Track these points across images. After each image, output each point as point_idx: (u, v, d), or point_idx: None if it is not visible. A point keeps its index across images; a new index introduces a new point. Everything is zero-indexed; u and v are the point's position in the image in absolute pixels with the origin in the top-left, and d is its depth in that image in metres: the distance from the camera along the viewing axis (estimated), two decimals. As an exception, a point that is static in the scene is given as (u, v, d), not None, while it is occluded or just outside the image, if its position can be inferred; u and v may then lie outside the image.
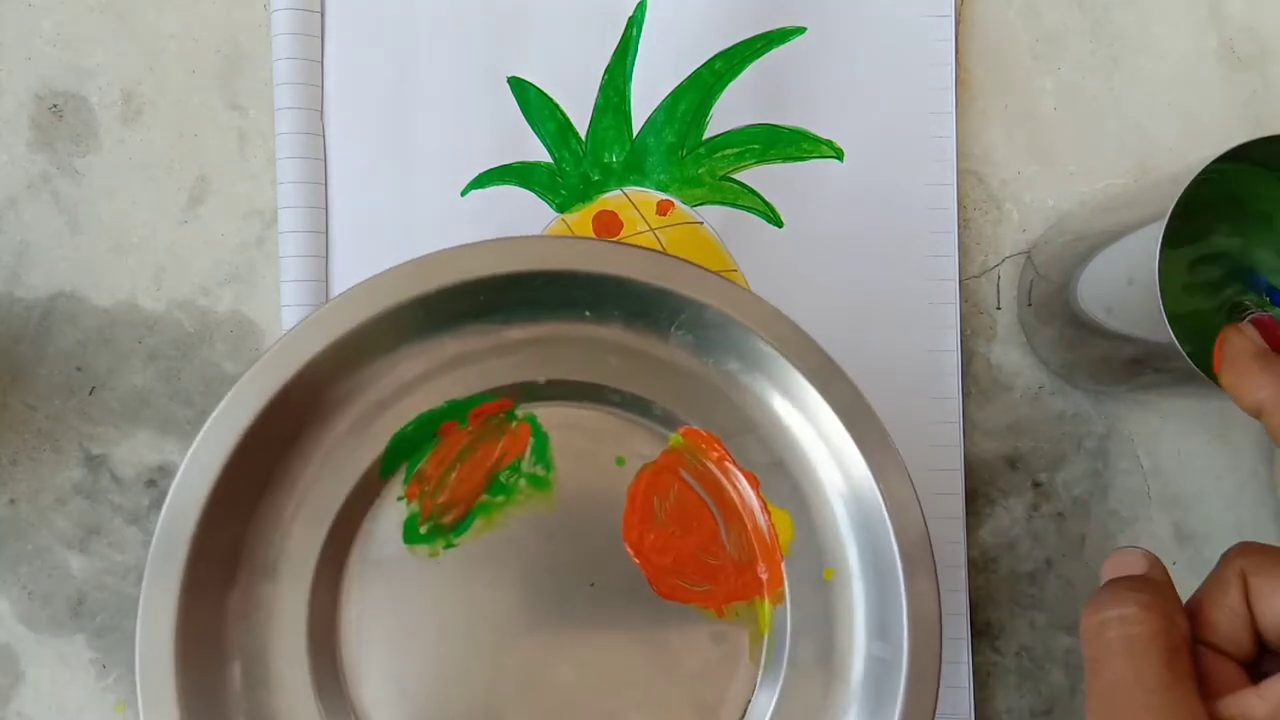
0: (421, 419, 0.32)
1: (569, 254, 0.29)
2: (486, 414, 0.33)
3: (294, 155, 0.38)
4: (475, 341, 0.32)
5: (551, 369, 0.32)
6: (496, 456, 0.33)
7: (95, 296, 0.39)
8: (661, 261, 0.30)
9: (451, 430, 0.32)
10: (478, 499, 0.33)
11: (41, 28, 0.40)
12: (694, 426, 0.33)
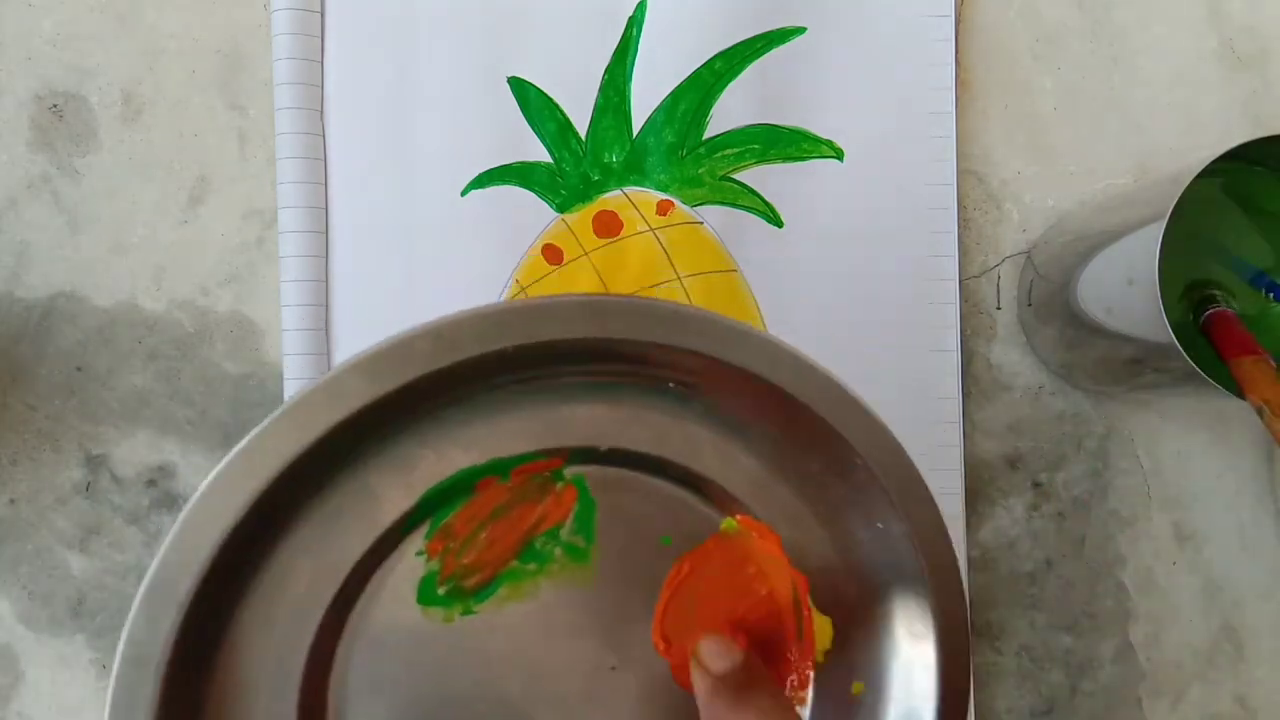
0: (463, 473, 0.28)
1: (691, 327, 0.26)
2: (532, 471, 0.29)
3: (294, 155, 0.38)
4: (539, 395, 0.28)
5: (617, 436, 0.29)
6: (535, 520, 0.30)
7: (95, 296, 0.39)
8: (782, 358, 0.27)
9: (489, 485, 0.29)
10: (507, 564, 0.29)
11: (41, 28, 0.40)
12: (752, 516, 0.30)
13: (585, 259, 0.40)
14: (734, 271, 0.40)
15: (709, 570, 0.30)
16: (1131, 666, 0.41)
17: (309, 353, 0.38)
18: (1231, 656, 0.41)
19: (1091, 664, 0.41)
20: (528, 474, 0.29)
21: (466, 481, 0.29)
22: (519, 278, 0.39)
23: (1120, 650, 0.41)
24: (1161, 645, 0.41)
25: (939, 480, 0.40)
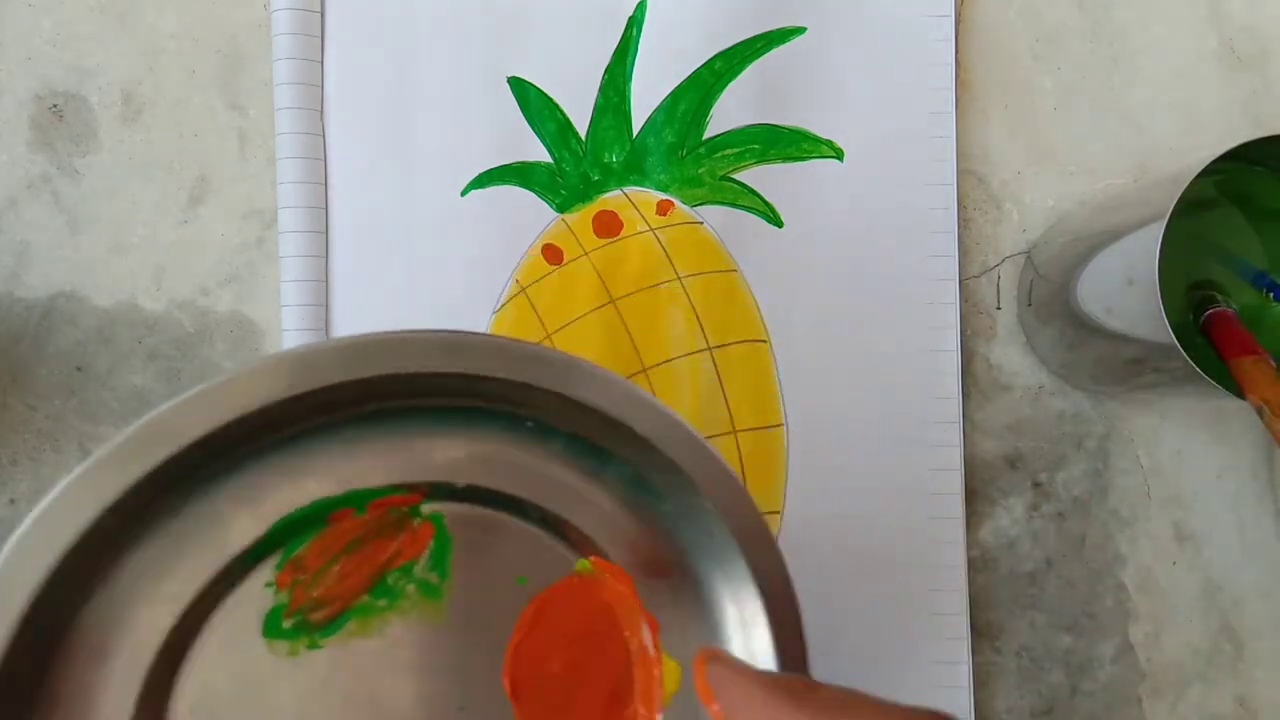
0: (318, 504, 0.27)
1: (526, 366, 0.26)
2: (389, 505, 0.28)
3: (294, 155, 0.38)
4: (400, 429, 0.28)
5: (476, 474, 0.29)
6: (389, 555, 0.29)
7: (95, 296, 0.39)
8: (619, 391, 0.27)
9: (344, 518, 0.28)
10: (358, 599, 0.28)
11: (41, 28, 0.40)
12: (607, 558, 0.30)
13: (585, 259, 0.40)
14: (734, 271, 0.40)
15: (561, 611, 0.29)
16: (1131, 666, 0.41)
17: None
18: (1231, 656, 0.41)
19: (1091, 664, 0.41)
20: (384, 508, 0.28)
21: (321, 513, 0.28)
22: (519, 277, 0.39)
23: (1120, 650, 0.41)
24: (1161, 645, 0.41)
25: (939, 480, 0.40)
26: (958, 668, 0.39)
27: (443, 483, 0.28)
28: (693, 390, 0.39)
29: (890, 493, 0.40)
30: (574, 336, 0.39)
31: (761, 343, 0.40)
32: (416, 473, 0.28)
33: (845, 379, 0.40)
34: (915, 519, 0.40)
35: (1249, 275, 0.37)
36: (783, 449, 0.39)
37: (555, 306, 0.39)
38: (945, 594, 0.40)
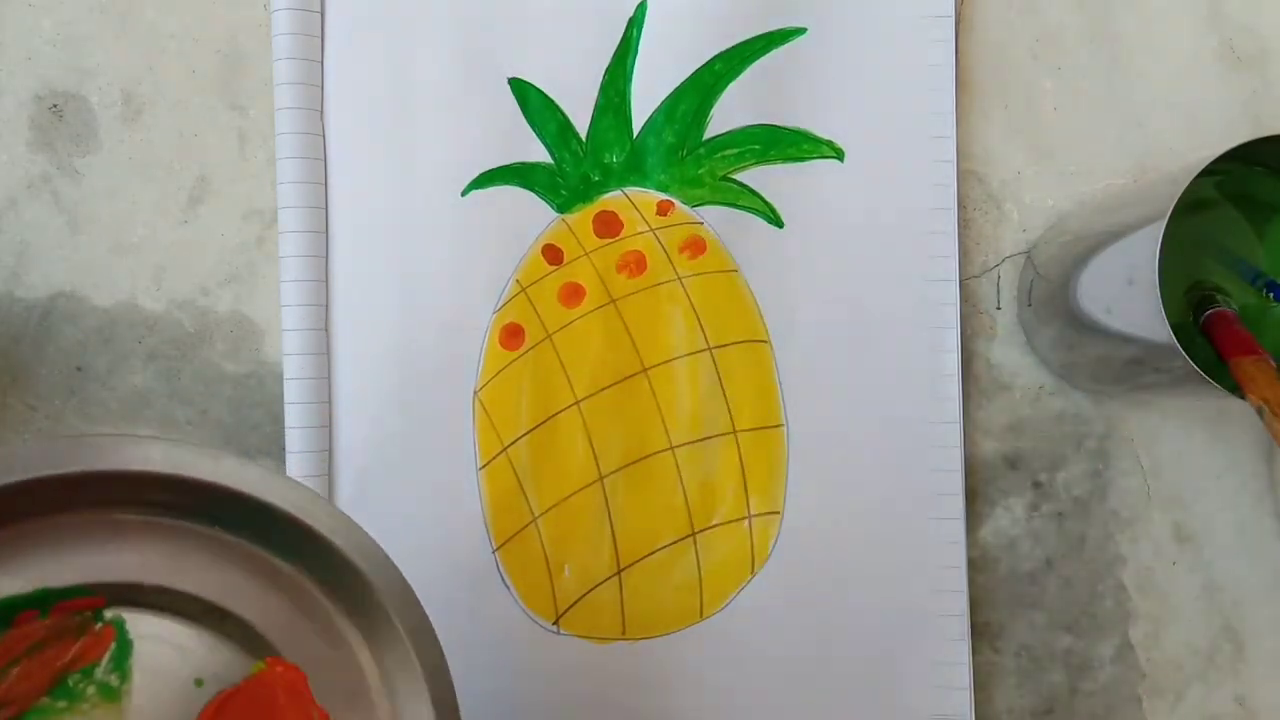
0: (6, 601, 0.27)
1: (193, 464, 0.27)
2: (72, 609, 0.28)
3: (294, 155, 0.38)
4: (93, 528, 0.28)
5: (164, 574, 0.29)
6: (70, 657, 0.29)
7: (95, 296, 0.39)
8: (276, 487, 0.28)
9: (29, 620, 0.28)
10: (36, 700, 0.28)
11: (41, 28, 0.40)
12: (282, 656, 0.30)
13: (585, 259, 0.40)
14: (734, 271, 0.40)
15: (238, 712, 0.30)
16: (1131, 666, 0.41)
17: (309, 353, 0.38)
18: (1231, 656, 0.41)
19: (1091, 664, 0.41)
20: (68, 610, 0.29)
21: (8, 612, 0.28)
22: (519, 277, 0.39)
23: (1120, 650, 0.41)
24: (1161, 645, 0.41)
25: (939, 481, 0.40)
26: (958, 668, 0.39)
27: (130, 583, 0.29)
28: (693, 390, 0.39)
29: (891, 493, 0.39)
30: (573, 337, 0.39)
31: (762, 343, 0.40)
32: (107, 572, 0.28)
33: (846, 379, 0.40)
34: (916, 519, 0.40)
35: (1249, 275, 0.37)
36: (783, 449, 0.39)
37: (555, 308, 0.39)
38: (946, 594, 0.40)
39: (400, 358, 0.39)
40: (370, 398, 0.39)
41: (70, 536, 0.28)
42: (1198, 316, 0.36)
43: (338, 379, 0.39)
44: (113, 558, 0.29)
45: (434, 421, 0.39)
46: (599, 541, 0.39)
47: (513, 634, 0.38)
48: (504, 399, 0.39)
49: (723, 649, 0.39)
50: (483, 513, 0.39)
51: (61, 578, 0.28)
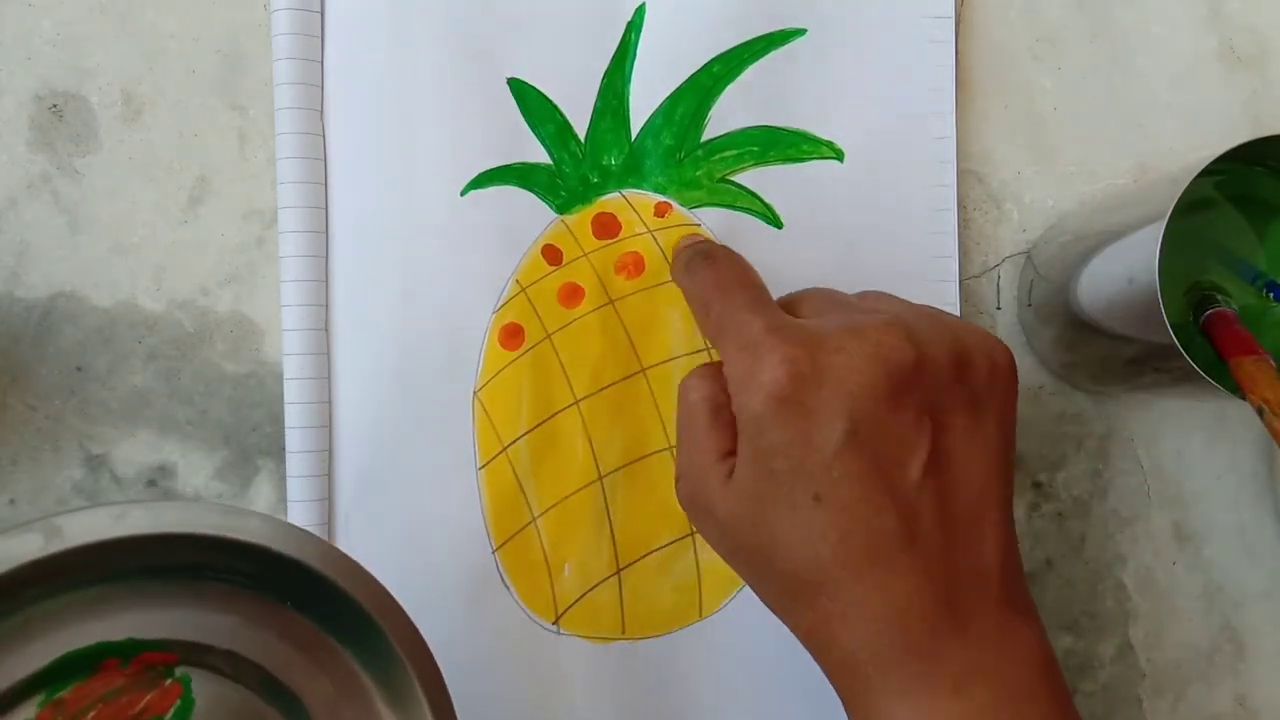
0: (98, 647, 0.30)
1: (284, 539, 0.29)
2: (151, 661, 0.31)
3: (294, 155, 0.38)
4: (181, 588, 0.30)
5: (233, 639, 0.31)
6: (140, 708, 0.31)
7: (95, 296, 0.39)
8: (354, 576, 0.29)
9: (111, 667, 0.30)
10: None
11: (41, 27, 0.40)
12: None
13: (584, 260, 0.40)
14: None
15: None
16: (1131, 666, 0.41)
17: (309, 353, 0.38)
18: (1231, 656, 0.41)
19: (1091, 664, 0.41)
20: (146, 663, 0.31)
21: (96, 657, 0.30)
22: (519, 278, 0.39)
23: (1120, 650, 0.41)
24: (1161, 645, 0.41)
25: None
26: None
27: (205, 644, 0.31)
28: (692, 391, 0.39)
29: None
30: (573, 337, 0.39)
31: (762, 343, 0.40)
32: (185, 631, 0.31)
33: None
34: None
35: (1249, 275, 0.37)
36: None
37: (555, 308, 0.39)
38: None
39: (400, 358, 0.39)
40: (370, 398, 0.39)
41: (159, 593, 0.30)
42: (1198, 316, 0.36)
43: (338, 379, 0.39)
44: (193, 618, 0.31)
45: (434, 421, 0.39)
46: (599, 541, 0.39)
47: (513, 634, 0.38)
48: (504, 399, 0.39)
49: (722, 648, 0.39)
50: (482, 512, 0.39)
51: (147, 631, 0.30)
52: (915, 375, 0.28)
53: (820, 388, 0.28)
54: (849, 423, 0.28)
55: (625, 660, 0.39)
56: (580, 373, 0.39)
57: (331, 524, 0.38)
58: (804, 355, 0.28)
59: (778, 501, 0.29)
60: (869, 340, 0.28)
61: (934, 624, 0.28)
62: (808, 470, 0.28)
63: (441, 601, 0.39)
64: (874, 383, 0.28)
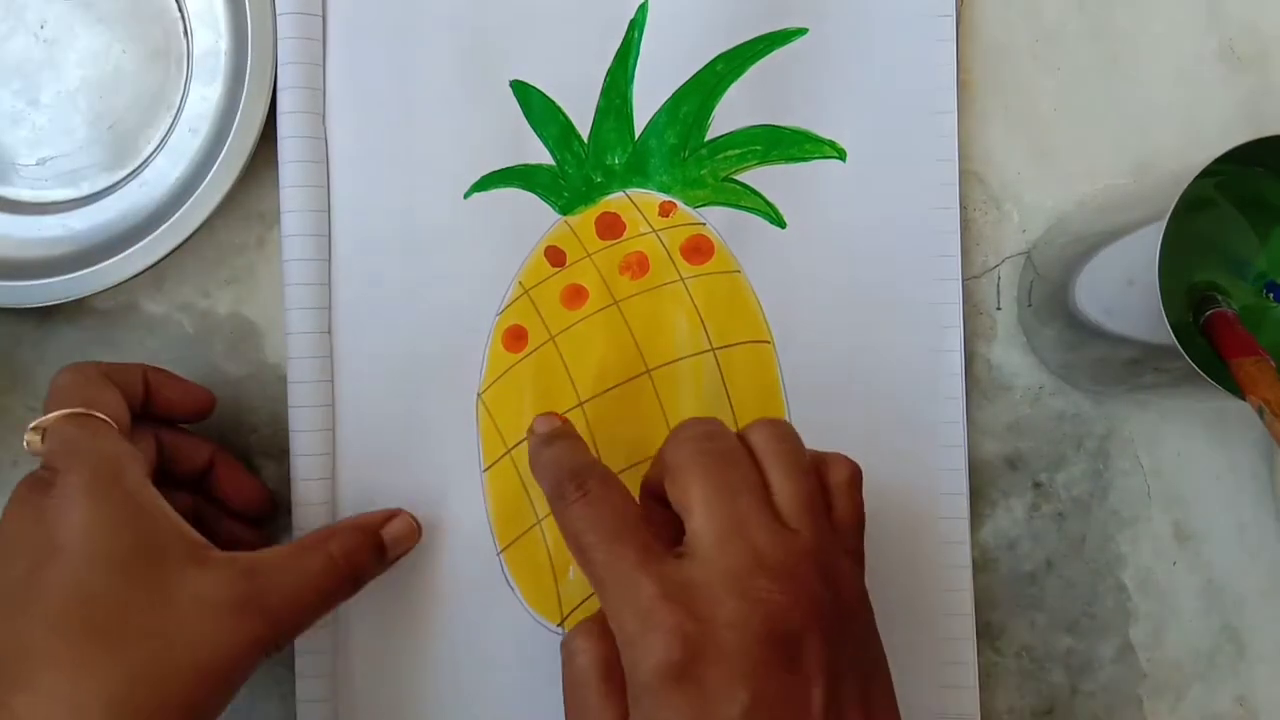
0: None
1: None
2: None
3: (297, 159, 0.38)
4: None
5: None
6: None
7: (96, 298, 0.39)
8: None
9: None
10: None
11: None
12: None
13: (588, 261, 0.40)
14: (737, 272, 0.40)
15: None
16: (1132, 666, 0.41)
17: (313, 356, 0.38)
18: (1231, 656, 0.41)
19: (1092, 664, 0.41)
20: None
21: None
22: (522, 279, 0.39)
23: (1120, 650, 0.41)
24: (1162, 645, 0.41)
25: (943, 480, 0.40)
26: (964, 668, 0.39)
27: None
28: (696, 391, 0.39)
29: (895, 493, 0.39)
30: (577, 338, 0.39)
31: (765, 343, 0.40)
32: None
33: (849, 379, 0.40)
34: (921, 519, 0.39)
35: (1249, 275, 0.37)
36: (788, 449, 0.39)
37: (558, 310, 0.39)
38: (952, 594, 0.40)
39: (403, 360, 0.39)
40: (374, 401, 0.39)
41: None
42: (1198, 317, 0.36)
43: (341, 382, 0.39)
44: None
45: (438, 423, 0.39)
46: (602, 542, 0.39)
47: (518, 635, 0.38)
48: (507, 401, 0.39)
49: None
50: (487, 514, 0.39)
51: None
52: (806, 633, 0.28)
53: (715, 662, 0.27)
54: (748, 696, 0.27)
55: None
56: (584, 374, 0.39)
57: (335, 525, 0.38)
58: (696, 629, 0.27)
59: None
60: (759, 607, 0.27)
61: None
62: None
63: (447, 602, 0.39)
64: (770, 651, 0.27)
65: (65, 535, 0.30)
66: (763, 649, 0.27)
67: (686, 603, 0.28)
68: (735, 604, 0.28)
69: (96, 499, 0.30)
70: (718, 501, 0.29)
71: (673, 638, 0.27)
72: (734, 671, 0.27)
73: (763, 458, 0.31)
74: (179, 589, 0.30)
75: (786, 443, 0.31)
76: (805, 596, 0.28)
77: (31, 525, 0.30)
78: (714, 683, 0.27)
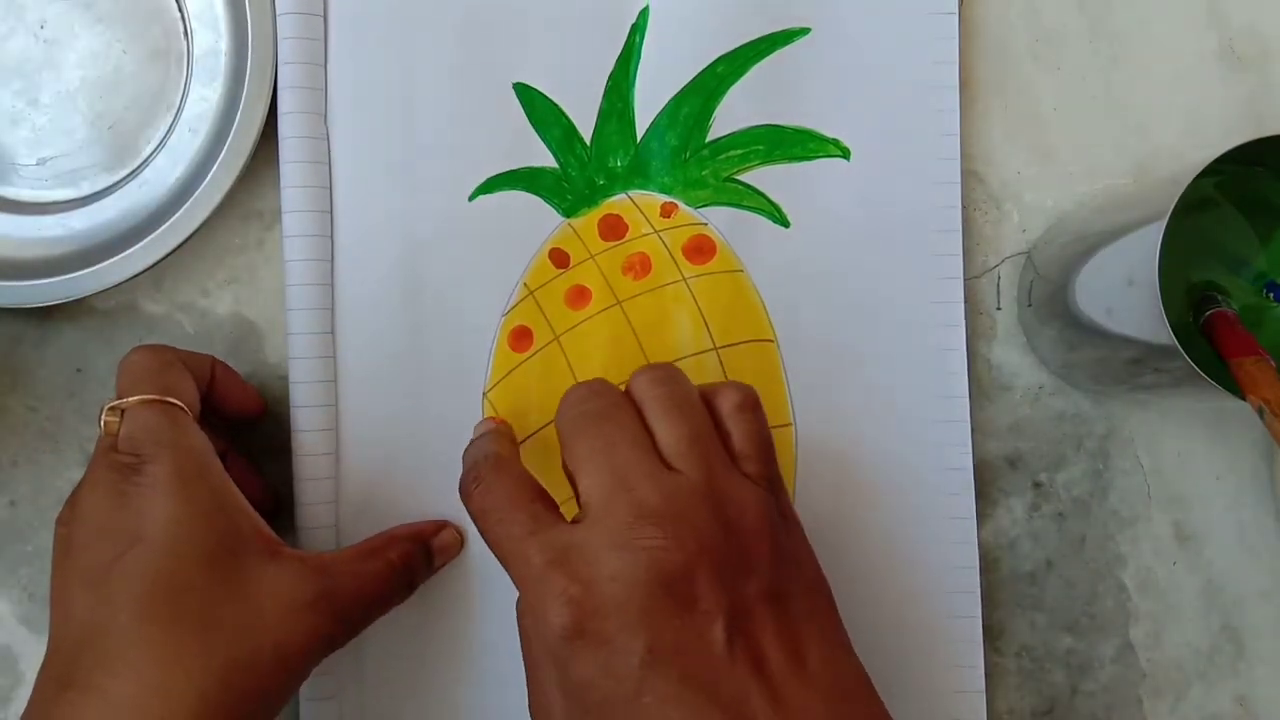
0: None
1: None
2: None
3: (298, 159, 0.38)
4: None
5: None
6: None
7: (96, 298, 0.39)
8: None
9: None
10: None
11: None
12: None
13: (591, 262, 0.40)
14: (739, 272, 0.40)
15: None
16: (1132, 667, 0.41)
17: (315, 356, 0.38)
18: (1231, 656, 0.41)
19: (1092, 664, 0.41)
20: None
21: None
22: (527, 281, 0.39)
23: (1120, 650, 0.41)
24: (1162, 645, 0.41)
25: (949, 480, 0.40)
26: (972, 671, 0.39)
27: None
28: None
29: (900, 492, 0.39)
30: (581, 338, 0.39)
31: (768, 342, 0.40)
32: None
33: (853, 378, 0.40)
34: (926, 519, 0.39)
35: (1249, 275, 0.37)
36: (791, 448, 0.39)
37: (563, 310, 0.39)
38: (958, 595, 0.39)
39: (408, 361, 0.39)
40: (378, 400, 0.39)
41: None
42: (1198, 316, 0.36)
43: (344, 381, 0.39)
44: None
45: (444, 422, 0.39)
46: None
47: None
48: (513, 400, 0.39)
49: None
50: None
51: None
52: (693, 572, 0.28)
53: (607, 617, 0.28)
54: (644, 642, 0.27)
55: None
56: (588, 373, 0.39)
57: (339, 525, 0.38)
58: (582, 591, 0.28)
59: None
60: (641, 555, 0.28)
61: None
62: (621, 699, 0.27)
63: (452, 598, 0.39)
64: (658, 597, 0.28)
65: (152, 525, 0.31)
66: (650, 595, 0.28)
67: (569, 566, 0.28)
68: (616, 557, 0.28)
69: (183, 492, 0.31)
70: (599, 458, 0.30)
71: (560, 603, 0.28)
72: (626, 622, 0.28)
73: (644, 405, 0.31)
74: (257, 584, 0.31)
75: (664, 385, 0.32)
76: (691, 536, 0.28)
77: (117, 510, 0.31)
78: (609, 636, 0.28)
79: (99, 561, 0.30)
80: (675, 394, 0.31)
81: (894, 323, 0.40)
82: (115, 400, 0.33)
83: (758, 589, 0.29)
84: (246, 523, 0.32)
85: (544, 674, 0.30)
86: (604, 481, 0.30)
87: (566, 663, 0.28)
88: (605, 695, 0.28)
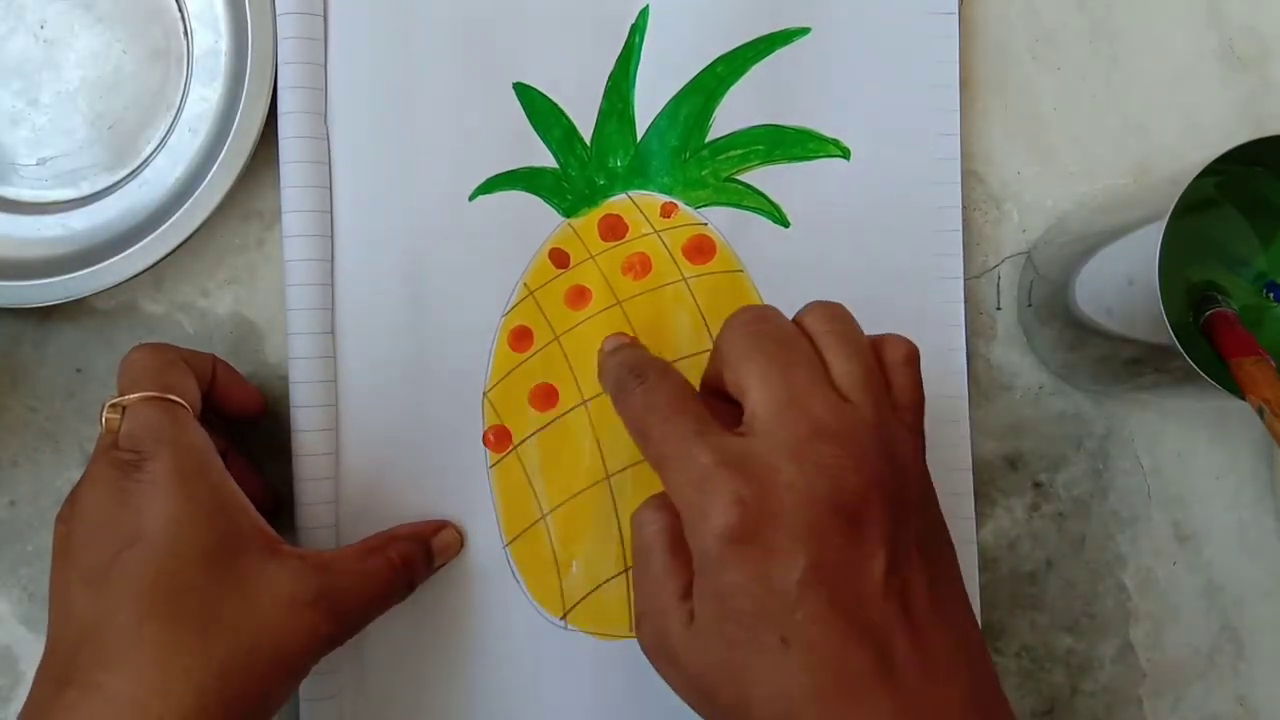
0: None
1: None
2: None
3: (298, 159, 0.38)
4: None
5: None
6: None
7: (96, 298, 0.39)
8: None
9: None
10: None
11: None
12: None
13: (591, 262, 0.40)
14: (739, 271, 0.40)
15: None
16: (1132, 666, 0.41)
17: (316, 356, 0.38)
18: (1231, 656, 0.41)
19: (1092, 664, 0.41)
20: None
21: None
22: (527, 281, 0.39)
23: (1120, 650, 0.41)
24: (1162, 645, 0.41)
25: (949, 480, 0.40)
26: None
27: None
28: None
29: None
30: (581, 338, 0.39)
31: (769, 342, 0.40)
32: None
33: None
34: None
35: (1249, 275, 0.37)
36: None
37: (562, 310, 0.39)
38: None
39: (409, 361, 0.39)
40: (378, 400, 0.39)
41: None
42: (1198, 316, 0.36)
43: (344, 381, 0.39)
44: None
45: (444, 422, 0.39)
46: (606, 539, 0.39)
47: (521, 626, 0.39)
48: (513, 399, 0.39)
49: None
50: (494, 508, 0.39)
51: None
52: (867, 501, 0.28)
53: (775, 525, 0.27)
54: (808, 559, 0.27)
55: (632, 657, 0.39)
56: (588, 373, 0.39)
57: (339, 525, 0.38)
58: (754, 493, 0.27)
59: (744, 646, 0.28)
60: (823, 472, 0.28)
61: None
62: (771, 611, 0.27)
63: (452, 596, 0.39)
64: (830, 516, 0.27)
65: (152, 523, 0.31)
66: (823, 513, 0.27)
67: (743, 470, 0.28)
68: (794, 469, 0.28)
69: (184, 490, 0.31)
70: (773, 376, 0.29)
71: (729, 502, 0.27)
72: (793, 535, 0.27)
73: (817, 338, 0.31)
74: (257, 582, 0.31)
75: (840, 323, 0.31)
76: (866, 465, 0.28)
77: (117, 507, 0.31)
78: (774, 545, 0.27)
79: (99, 559, 0.30)
80: (850, 331, 0.31)
81: (893, 322, 0.40)
82: (116, 397, 0.33)
83: (914, 533, 0.29)
84: (246, 521, 0.32)
85: (676, 574, 0.29)
86: (779, 397, 0.29)
87: (721, 564, 0.27)
88: (758, 605, 0.27)
